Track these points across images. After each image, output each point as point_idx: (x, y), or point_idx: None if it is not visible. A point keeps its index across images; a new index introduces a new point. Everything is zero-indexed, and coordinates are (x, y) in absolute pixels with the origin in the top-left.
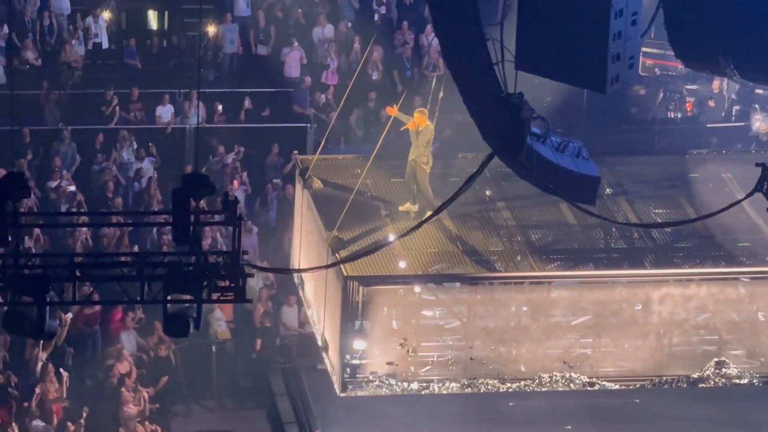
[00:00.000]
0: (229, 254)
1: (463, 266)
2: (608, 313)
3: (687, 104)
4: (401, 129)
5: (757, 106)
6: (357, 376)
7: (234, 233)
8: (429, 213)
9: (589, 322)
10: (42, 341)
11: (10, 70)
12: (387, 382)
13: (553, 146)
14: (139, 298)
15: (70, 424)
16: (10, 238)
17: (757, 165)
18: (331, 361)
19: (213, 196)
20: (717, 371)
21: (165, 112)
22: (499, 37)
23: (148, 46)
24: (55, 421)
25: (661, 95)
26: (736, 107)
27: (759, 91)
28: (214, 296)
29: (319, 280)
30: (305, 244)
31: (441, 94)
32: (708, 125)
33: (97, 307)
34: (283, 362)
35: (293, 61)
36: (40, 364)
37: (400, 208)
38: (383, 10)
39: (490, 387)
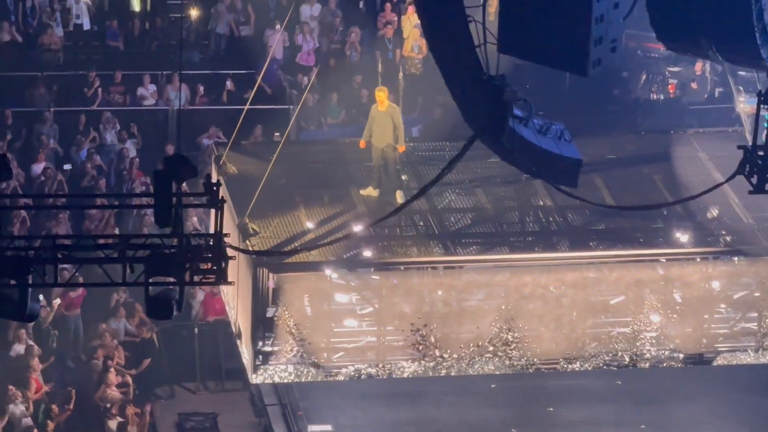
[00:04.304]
0: (211, 236)
1: (378, 251)
2: (522, 297)
3: (670, 86)
4: (371, 117)
5: (741, 87)
6: (269, 362)
7: (216, 216)
8: (399, 195)
9: (504, 306)
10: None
11: None
12: (299, 369)
13: (536, 129)
14: (121, 281)
15: (55, 407)
16: None
17: (739, 147)
18: (244, 347)
19: (195, 178)
20: (633, 352)
21: (146, 93)
22: (481, 19)
23: (130, 28)
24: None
25: (644, 77)
26: (718, 89)
27: (741, 72)
28: (196, 278)
29: (232, 266)
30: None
31: (401, 74)
32: (691, 107)
33: (81, 290)
34: None
35: (276, 44)
36: (24, 347)
37: (362, 192)
38: None
39: (404, 372)
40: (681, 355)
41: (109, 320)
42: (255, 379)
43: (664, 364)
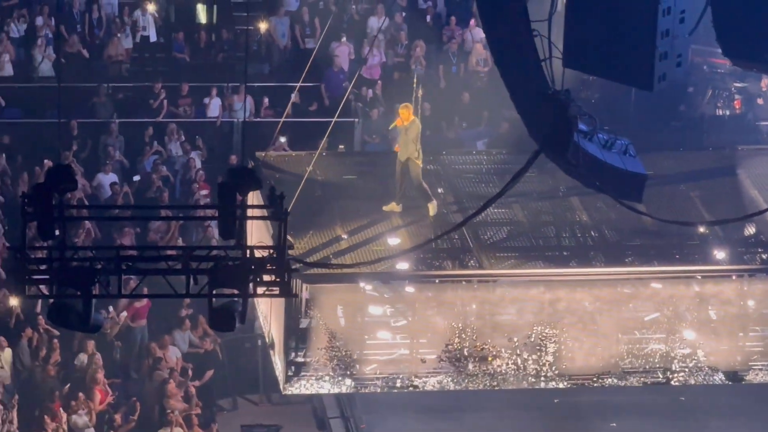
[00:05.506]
0: (275, 249)
1: (412, 264)
2: (556, 311)
3: (735, 102)
4: (390, 128)
5: None
6: (302, 373)
7: (280, 228)
8: (431, 207)
9: (538, 320)
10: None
11: (58, 62)
12: (331, 380)
13: (600, 143)
14: (185, 292)
15: (118, 417)
16: (57, 231)
17: None
18: (277, 358)
19: (259, 190)
20: (667, 369)
21: (213, 105)
22: (547, 34)
23: (196, 40)
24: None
25: (710, 93)
26: None
27: None
28: (260, 291)
29: None
30: (257, 242)
31: (420, 92)
32: (757, 123)
33: (146, 301)
34: None
35: (342, 56)
36: (88, 356)
37: (384, 208)
38: (431, 3)
39: (437, 385)
40: (715, 372)
41: (174, 332)
42: (287, 390)
43: (698, 381)
